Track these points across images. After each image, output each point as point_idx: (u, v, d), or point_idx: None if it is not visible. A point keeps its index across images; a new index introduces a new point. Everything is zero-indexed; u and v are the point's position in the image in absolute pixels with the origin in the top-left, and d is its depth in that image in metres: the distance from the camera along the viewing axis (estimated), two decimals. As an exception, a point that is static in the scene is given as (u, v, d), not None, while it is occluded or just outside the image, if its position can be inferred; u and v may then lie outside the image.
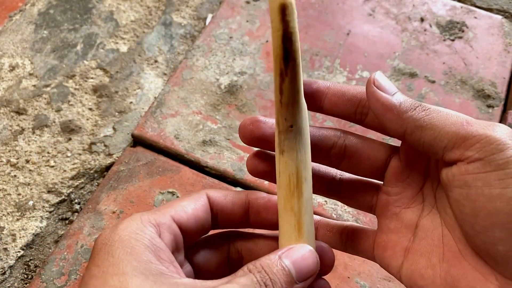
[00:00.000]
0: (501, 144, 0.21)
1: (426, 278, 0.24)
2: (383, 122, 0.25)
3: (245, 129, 0.27)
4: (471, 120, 0.22)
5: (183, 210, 0.25)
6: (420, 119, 0.23)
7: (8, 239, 0.48)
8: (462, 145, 0.22)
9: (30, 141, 0.54)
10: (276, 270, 0.23)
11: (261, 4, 0.65)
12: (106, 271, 0.21)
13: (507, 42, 0.62)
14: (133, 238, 0.22)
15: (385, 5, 0.65)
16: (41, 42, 0.62)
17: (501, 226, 0.21)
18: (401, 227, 0.27)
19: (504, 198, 0.20)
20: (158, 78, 0.60)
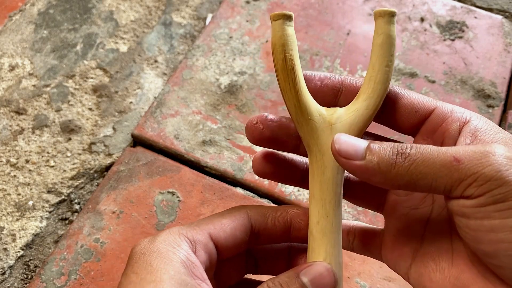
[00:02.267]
0: (497, 180, 0.20)
1: (434, 282, 0.24)
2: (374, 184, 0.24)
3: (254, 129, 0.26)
4: (460, 154, 0.21)
5: (222, 229, 0.25)
6: (407, 173, 0.22)
7: (8, 239, 0.48)
8: (458, 187, 0.21)
9: (30, 141, 0.54)
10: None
11: (261, 4, 0.65)
12: (144, 278, 0.21)
13: (507, 42, 0.62)
14: (171, 251, 0.23)
15: (385, 5, 0.65)
16: (41, 42, 0.62)
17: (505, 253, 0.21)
18: (410, 228, 0.27)
19: (506, 228, 0.20)
20: (158, 78, 0.60)
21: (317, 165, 0.25)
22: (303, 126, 0.25)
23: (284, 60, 0.24)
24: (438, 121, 0.25)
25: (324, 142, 0.25)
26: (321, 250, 0.25)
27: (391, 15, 0.25)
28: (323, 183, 0.25)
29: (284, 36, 0.24)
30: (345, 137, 0.23)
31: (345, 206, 0.50)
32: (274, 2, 0.65)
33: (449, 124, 0.25)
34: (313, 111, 0.25)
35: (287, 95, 0.25)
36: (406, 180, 0.22)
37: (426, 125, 0.26)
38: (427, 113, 0.25)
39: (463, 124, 0.24)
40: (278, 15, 0.24)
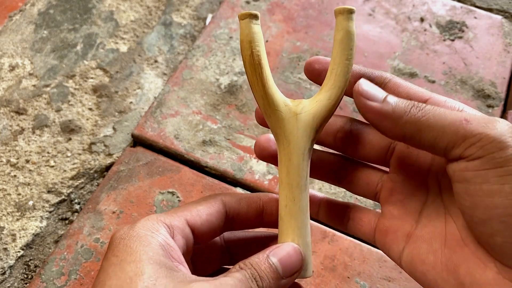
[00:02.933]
0: (500, 143, 0.21)
1: (427, 263, 0.25)
2: (379, 130, 0.25)
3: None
4: (470, 117, 0.22)
5: (198, 214, 0.26)
6: (417, 122, 0.23)
7: (8, 239, 0.48)
8: (462, 144, 0.22)
9: (30, 141, 0.54)
10: (264, 268, 0.24)
11: (261, 4, 0.65)
12: (123, 259, 0.22)
13: (507, 42, 0.62)
14: (149, 235, 0.24)
15: (385, 5, 0.65)
16: (41, 42, 0.62)
17: (498, 219, 0.21)
18: (405, 214, 0.27)
19: (502, 193, 0.21)
20: (158, 78, 0.60)
21: (284, 152, 0.26)
22: (271, 116, 0.26)
23: (251, 55, 0.26)
24: None
25: (290, 131, 0.26)
26: (289, 232, 0.26)
27: (350, 12, 0.26)
28: (289, 168, 0.26)
29: (250, 33, 0.26)
30: (368, 82, 0.25)
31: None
32: (274, 2, 0.65)
33: None
34: (280, 102, 0.26)
35: (255, 88, 0.26)
36: (413, 130, 0.23)
37: None
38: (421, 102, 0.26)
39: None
40: (244, 14, 0.26)
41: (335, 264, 0.46)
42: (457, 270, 0.24)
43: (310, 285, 0.45)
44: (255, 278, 0.24)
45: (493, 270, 0.23)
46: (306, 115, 0.26)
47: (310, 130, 0.26)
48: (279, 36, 0.62)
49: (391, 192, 0.28)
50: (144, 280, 0.21)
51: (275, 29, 0.63)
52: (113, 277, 0.22)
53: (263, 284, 0.24)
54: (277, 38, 0.62)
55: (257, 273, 0.24)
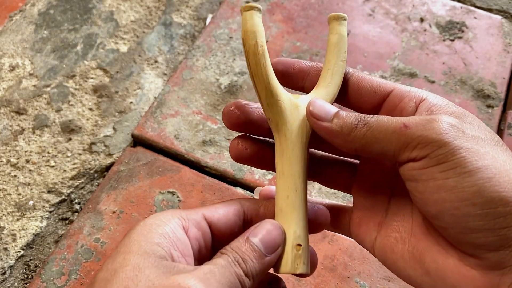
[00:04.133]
0: (438, 141, 0.22)
1: (396, 252, 0.26)
2: (334, 145, 0.26)
3: (231, 114, 0.28)
4: (409, 121, 0.23)
5: (215, 210, 0.27)
6: (363, 137, 0.24)
7: (8, 239, 0.48)
8: (405, 149, 0.23)
9: (30, 141, 0.54)
10: (245, 249, 0.24)
11: (261, 4, 0.65)
12: (118, 250, 0.23)
13: (506, 42, 0.62)
14: (156, 223, 0.24)
15: (385, 5, 0.65)
16: (41, 42, 0.62)
17: (448, 213, 0.23)
18: (375, 204, 0.28)
19: (447, 187, 0.22)
20: (158, 78, 0.60)
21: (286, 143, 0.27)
22: (273, 107, 0.27)
23: (256, 45, 0.26)
24: (396, 100, 0.27)
25: (294, 121, 0.27)
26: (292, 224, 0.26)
27: (343, 19, 0.28)
28: (292, 159, 0.27)
29: (255, 24, 0.26)
30: (320, 101, 0.26)
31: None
32: (274, 2, 0.65)
33: (406, 103, 0.26)
34: (282, 93, 0.27)
35: (258, 78, 0.27)
36: (362, 144, 0.24)
37: (385, 105, 0.27)
38: (385, 94, 0.27)
39: (419, 102, 0.26)
40: (248, 6, 0.27)
41: (335, 264, 0.46)
42: (423, 258, 0.25)
43: (310, 285, 0.45)
44: (238, 261, 0.24)
45: (454, 257, 0.24)
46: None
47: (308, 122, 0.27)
48: (279, 36, 0.62)
49: (361, 183, 0.29)
50: (126, 271, 0.22)
51: (275, 29, 0.63)
52: (103, 269, 0.23)
53: (247, 266, 0.24)
54: (277, 38, 0.62)
55: (239, 256, 0.24)
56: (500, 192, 0.21)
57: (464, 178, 0.22)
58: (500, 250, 0.22)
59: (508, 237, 0.22)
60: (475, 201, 0.22)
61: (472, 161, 0.22)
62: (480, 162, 0.22)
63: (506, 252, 0.22)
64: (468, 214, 0.22)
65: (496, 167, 0.22)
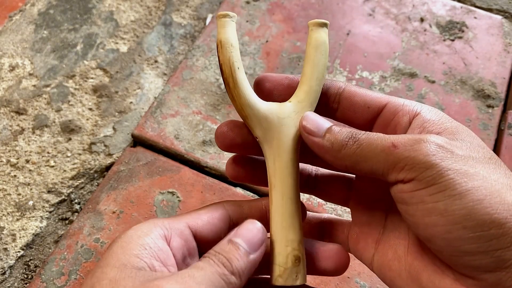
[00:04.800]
0: (425, 163, 0.22)
1: (393, 270, 0.26)
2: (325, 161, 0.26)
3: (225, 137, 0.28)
4: (397, 141, 0.23)
5: (199, 217, 0.26)
6: (353, 155, 0.24)
7: (8, 239, 0.48)
8: (393, 169, 0.23)
9: (30, 141, 0.54)
10: (229, 249, 0.24)
11: (261, 4, 0.65)
12: (98, 264, 0.23)
13: (507, 42, 0.62)
14: (136, 235, 0.24)
15: (385, 5, 0.65)
16: (41, 42, 0.62)
17: (440, 237, 0.22)
18: (373, 220, 0.28)
19: (437, 211, 0.22)
20: (158, 78, 0.60)
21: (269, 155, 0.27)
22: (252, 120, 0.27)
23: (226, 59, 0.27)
24: (390, 115, 0.26)
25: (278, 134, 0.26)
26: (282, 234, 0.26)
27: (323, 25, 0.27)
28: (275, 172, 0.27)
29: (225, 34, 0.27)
30: (313, 115, 0.26)
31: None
32: (274, 2, 0.65)
33: (400, 117, 0.26)
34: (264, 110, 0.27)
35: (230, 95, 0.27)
36: (352, 161, 0.24)
37: (379, 120, 0.27)
38: (379, 108, 0.27)
39: (413, 117, 0.25)
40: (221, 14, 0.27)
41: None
42: (420, 278, 0.24)
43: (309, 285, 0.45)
44: (223, 262, 0.23)
45: (450, 277, 0.23)
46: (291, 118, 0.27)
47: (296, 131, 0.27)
48: (279, 36, 0.62)
49: (358, 198, 0.29)
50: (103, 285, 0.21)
51: (275, 29, 0.63)
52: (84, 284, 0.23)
53: (232, 265, 0.23)
54: (277, 38, 0.62)
55: (223, 257, 0.23)
56: (491, 214, 0.21)
57: (454, 201, 0.21)
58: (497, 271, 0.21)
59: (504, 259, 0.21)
60: (467, 224, 0.21)
61: (461, 183, 0.21)
62: (469, 184, 0.21)
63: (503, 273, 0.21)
64: (460, 237, 0.21)
65: (487, 187, 0.21)
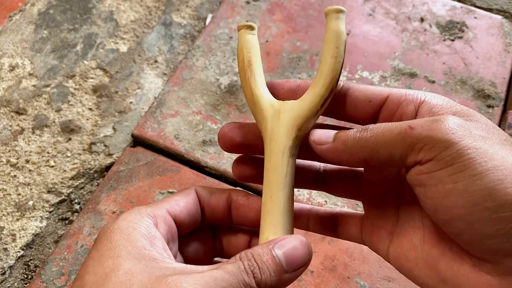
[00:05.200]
0: (445, 141, 0.21)
1: (410, 260, 0.25)
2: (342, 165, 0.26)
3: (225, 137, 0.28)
4: (414, 123, 0.23)
5: (176, 204, 0.27)
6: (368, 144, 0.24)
7: (8, 239, 0.48)
8: (412, 151, 0.22)
9: (30, 141, 0.54)
10: (266, 259, 0.23)
11: (261, 4, 0.65)
12: (103, 254, 0.23)
13: (507, 42, 0.62)
14: (131, 226, 0.24)
15: (385, 5, 0.65)
16: (41, 42, 0.62)
17: (460, 219, 0.22)
18: (385, 212, 0.28)
19: (457, 192, 0.21)
20: (158, 78, 0.60)
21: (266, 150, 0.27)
22: (257, 116, 0.28)
23: (242, 60, 0.29)
24: (393, 106, 0.26)
25: (272, 129, 0.27)
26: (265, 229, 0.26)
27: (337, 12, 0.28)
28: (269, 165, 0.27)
29: (244, 41, 0.29)
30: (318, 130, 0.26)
31: (346, 204, 0.50)
32: (274, 2, 0.65)
33: (404, 107, 0.25)
34: (266, 103, 0.28)
35: (244, 90, 0.29)
36: (369, 152, 0.24)
37: (382, 112, 0.26)
38: (381, 101, 0.26)
39: (419, 105, 0.25)
40: (241, 26, 0.29)
41: (335, 264, 0.46)
42: (437, 266, 0.24)
43: (310, 285, 0.45)
44: (253, 271, 0.22)
45: (469, 263, 0.23)
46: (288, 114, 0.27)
47: (291, 128, 0.27)
48: (279, 36, 0.62)
49: (369, 191, 0.29)
50: (119, 276, 0.21)
51: (275, 29, 0.63)
52: (91, 272, 0.22)
53: (261, 277, 0.22)
54: (277, 38, 0.62)
55: (256, 265, 0.23)
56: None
57: (474, 181, 0.21)
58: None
59: None
60: (488, 205, 0.20)
61: (481, 162, 0.21)
62: (490, 163, 0.21)
63: None
64: (481, 219, 0.21)
65: (507, 167, 0.21)
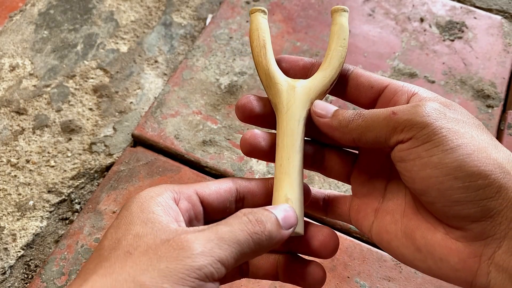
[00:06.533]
0: (422, 123, 0.25)
1: (390, 232, 0.28)
2: (334, 140, 0.29)
3: (245, 108, 0.31)
4: (397, 109, 0.26)
5: (207, 186, 0.29)
6: (359, 127, 0.27)
7: (8, 239, 0.48)
8: (394, 133, 0.26)
9: (30, 141, 0.54)
10: (266, 214, 0.26)
11: (261, 4, 0.65)
12: (120, 221, 0.26)
13: (506, 42, 0.62)
14: (149, 196, 0.26)
15: (385, 6, 0.65)
16: (41, 42, 0.62)
17: (433, 188, 0.25)
18: (373, 191, 0.31)
19: (432, 164, 0.24)
20: (158, 78, 0.60)
21: (282, 118, 0.30)
22: (271, 88, 0.30)
23: (258, 39, 0.31)
24: (390, 94, 0.29)
25: (288, 100, 0.30)
26: (282, 187, 0.29)
27: (343, 10, 0.32)
28: (286, 132, 0.30)
29: (258, 23, 0.31)
30: (321, 102, 0.30)
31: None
32: (274, 2, 0.65)
33: (399, 96, 0.29)
34: (280, 77, 0.31)
35: (259, 66, 0.31)
36: (358, 133, 0.27)
37: (381, 98, 0.30)
38: (381, 88, 0.30)
39: (411, 95, 0.28)
40: (254, 9, 0.32)
41: (335, 264, 0.46)
42: (414, 236, 0.27)
43: (310, 285, 0.45)
44: (258, 220, 0.25)
45: (441, 231, 0.26)
46: (303, 88, 0.30)
47: (305, 100, 0.30)
48: (279, 36, 0.62)
49: (359, 172, 0.31)
50: (128, 239, 0.24)
51: (275, 29, 0.63)
52: (108, 238, 0.25)
53: (265, 226, 0.25)
54: (277, 38, 0.62)
55: (260, 216, 0.25)
56: (479, 166, 0.24)
57: (446, 154, 0.24)
58: (482, 220, 0.24)
59: (489, 208, 0.24)
60: (457, 175, 0.24)
61: (453, 139, 0.24)
62: (460, 140, 0.24)
63: (487, 223, 0.24)
64: (451, 187, 0.24)
65: (475, 144, 0.24)
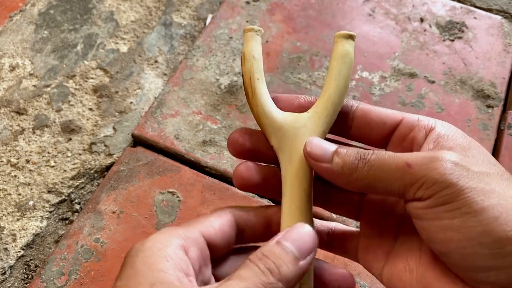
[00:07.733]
0: (442, 182, 0.22)
1: (404, 281, 0.26)
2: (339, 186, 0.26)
3: (235, 143, 0.28)
4: (412, 160, 0.23)
5: (211, 225, 0.26)
6: (366, 177, 0.24)
7: (8, 239, 0.48)
8: (410, 189, 0.23)
9: (30, 141, 0.54)
10: (278, 253, 0.23)
11: (261, 4, 0.65)
12: (124, 284, 0.23)
13: (506, 42, 0.62)
14: (156, 247, 0.24)
15: (385, 6, 0.65)
16: (41, 42, 0.62)
17: (456, 252, 0.22)
18: (383, 232, 0.28)
19: (453, 227, 0.22)
20: (158, 78, 0.60)
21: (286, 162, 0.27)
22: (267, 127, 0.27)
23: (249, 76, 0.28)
24: (406, 130, 0.27)
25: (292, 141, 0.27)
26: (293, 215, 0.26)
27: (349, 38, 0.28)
28: (287, 177, 0.27)
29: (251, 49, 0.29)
30: (317, 140, 0.26)
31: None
32: (274, 2, 0.65)
33: (416, 132, 0.26)
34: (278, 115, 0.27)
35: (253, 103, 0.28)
36: (366, 183, 0.24)
37: (395, 135, 0.27)
38: (395, 124, 0.27)
39: (429, 131, 0.26)
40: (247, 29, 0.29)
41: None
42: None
43: (310, 285, 0.45)
44: (270, 269, 0.22)
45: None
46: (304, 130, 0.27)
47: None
48: (279, 36, 0.62)
49: (370, 210, 0.29)
50: None
51: (275, 29, 0.63)
52: None
53: (281, 271, 0.22)
54: (277, 38, 0.62)
55: (271, 262, 0.23)
56: (507, 231, 0.21)
57: (470, 218, 0.22)
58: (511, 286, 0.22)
59: None
60: (483, 240, 0.22)
61: (478, 201, 0.22)
62: (486, 202, 0.22)
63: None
64: (476, 253, 0.22)
65: (503, 205, 0.22)
